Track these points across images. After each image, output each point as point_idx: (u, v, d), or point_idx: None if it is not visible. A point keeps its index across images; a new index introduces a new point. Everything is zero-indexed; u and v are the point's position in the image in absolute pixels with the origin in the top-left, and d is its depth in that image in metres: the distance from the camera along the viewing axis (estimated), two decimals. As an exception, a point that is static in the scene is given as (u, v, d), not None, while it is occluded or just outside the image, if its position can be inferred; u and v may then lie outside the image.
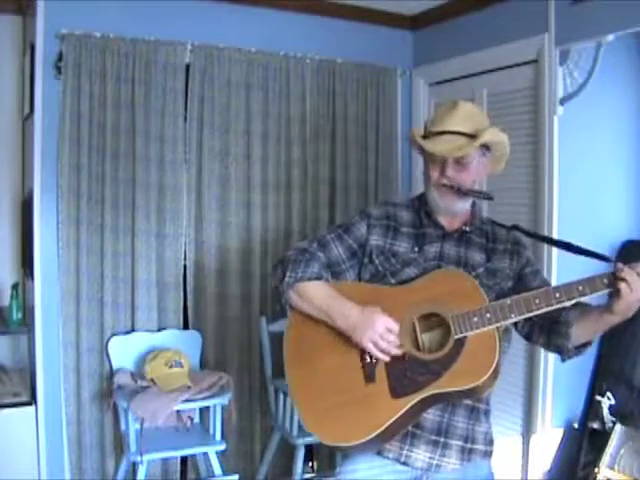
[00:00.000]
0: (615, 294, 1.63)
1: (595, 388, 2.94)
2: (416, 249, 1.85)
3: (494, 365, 1.66)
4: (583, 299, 1.67)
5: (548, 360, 2.98)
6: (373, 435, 1.70)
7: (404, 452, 1.79)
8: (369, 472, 1.83)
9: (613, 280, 1.62)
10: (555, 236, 2.99)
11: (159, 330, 3.30)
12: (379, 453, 1.81)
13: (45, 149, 3.07)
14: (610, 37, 2.75)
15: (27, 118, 3.31)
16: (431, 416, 1.78)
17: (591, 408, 2.92)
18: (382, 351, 1.71)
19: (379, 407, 1.71)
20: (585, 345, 1.80)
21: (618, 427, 2.74)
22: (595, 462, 2.75)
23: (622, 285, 1.61)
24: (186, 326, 3.41)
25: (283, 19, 3.49)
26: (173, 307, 3.34)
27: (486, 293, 1.76)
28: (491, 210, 3.36)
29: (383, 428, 1.70)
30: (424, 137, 1.85)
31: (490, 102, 3.36)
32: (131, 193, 3.22)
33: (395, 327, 1.72)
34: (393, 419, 1.70)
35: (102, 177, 3.17)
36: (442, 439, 1.79)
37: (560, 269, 2.98)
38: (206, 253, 3.39)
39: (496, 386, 1.79)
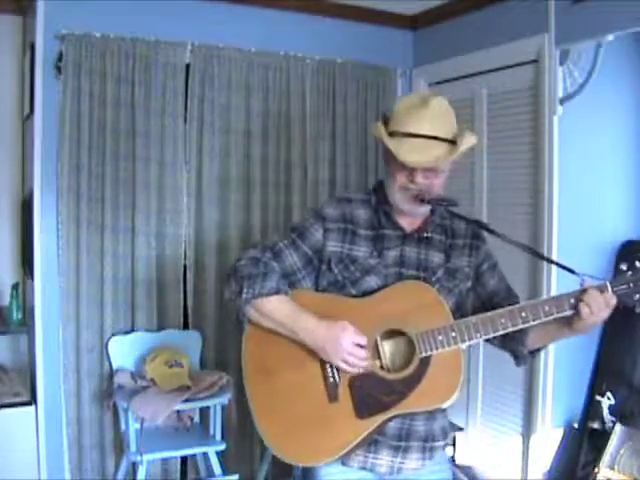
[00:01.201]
0: (576, 313, 1.62)
1: (595, 388, 2.94)
2: (375, 254, 1.75)
3: (459, 385, 1.66)
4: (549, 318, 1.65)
5: (548, 360, 2.98)
6: (338, 456, 1.69)
7: (369, 460, 1.77)
8: (330, 478, 1.78)
9: (578, 301, 1.62)
10: (555, 236, 3.00)
11: (159, 330, 3.30)
12: (344, 463, 1.77)
13: (45, 149, 3.07)
14: (610, 37, 2.75)
15: (27, 118, 3.31)
16: (392, 423, 1.74)
17: (591, 408, 2.92)
18: (352, 367, 1.67)
19: (343, 428, 1.68)
20: (539, 350, 1.81)
21: (618, 427, 2.74)
22: (595, 462, 2.75)
23: (585, 308, 1.61)
24: (186, 326, 3.41)
25: (283, 19, 3.49)
26: (173, 307, 3.35)
27: (446, 297, 1.75)
28: (491, 210, 3.37)
29: (348, 449, 1.69)
30: (390, 134, 1.71)
31: (490, 102, 3.36)
32: (131, 193, 3.22)
33: (363, 341, 1.67)
34: (359, 439, 1.68)
35: (102, 177, 3.17)
36: (403, 443, 1.77)
37: (560, 270, 2.98)
38: (206, 253, 3.39)
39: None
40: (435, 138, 1.67)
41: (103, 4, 3.10)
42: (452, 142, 1.69)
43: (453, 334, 1.66)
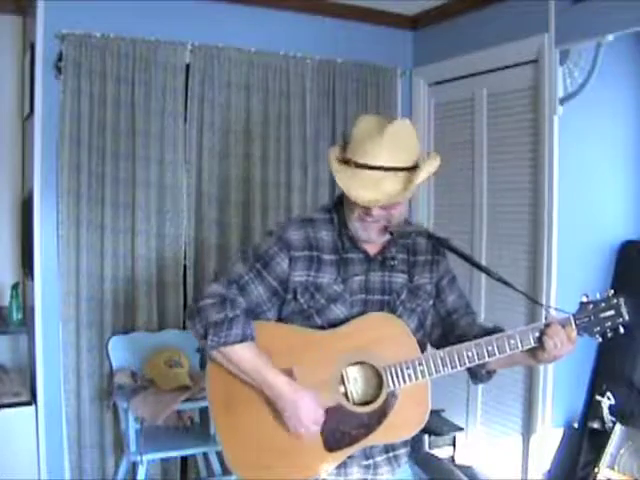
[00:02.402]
0: (541, 346, 1.64)
1: (595, 388, 2.94)
2: (340, 280, 1.71)
3: (426, 417, 1.68)
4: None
5: (548, 360, 2.98)
6: None
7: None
8: None
9: (542, 335, 1.64)
10: (555, 236, 3.00)
11: (159, 330, 3.30)
12: None
13: (45, 149, 3.07)
14: (610, 37, 2.75)
15: (27, 118, 3.31)
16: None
17: (591, 408, 2.92)
18: (299, 433, 1.66)
19: (313, 460, 1.68)
20: (495, 371, 1.81)
21: (618, 427, 2.74)
22: (595, 462, 2.75)
23: (549, 342, 1.62)
24: (186, 326, 3.40)
25: (283, 19, 3.49)
26: (173, 307, 3.35)
27: (409, 317, 1.75)
28: (491, 210, 3.37)
29: None
30: (344, 162, 1.68)
31: (490, 102, 3.36)
32: (131, 193, 3.22)
33: (320, 420, 1.65)
34: (327, 472, 1.69)
35: (102, 177, 3.17)
36: (371, 461, 1.76)
37: (560, 273, 2.99)
38: (206, 253, 3.39)
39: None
40: (392, 169, 1.61)
41: (103, 4, 3.10)
42: (412, 168, 1.63)
43: (421, 367, 1.66)
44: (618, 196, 3.15)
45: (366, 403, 1.69)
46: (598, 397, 2.87)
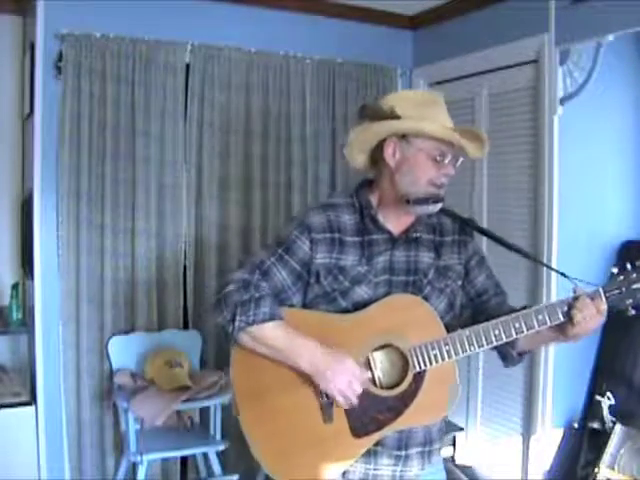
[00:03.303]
0: (570, 321, 1.60)
1: (595, 388, 2.94)
2: (364, 261, 1.70)
3: (455, 398, 1.65)
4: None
5: (548, 360, 2.98)
6: (335, 476, 1.68)
7: (370, 472, 1.74)
8: None
9: (570, 308, 1.60)
10: (555, 236, 3.00)
11: (159, 330, 3.30)
12: (344, 476, 1.73)
13: (45, 149, 3.07)
14: (610, 37, 2.75)
15: (27, 118, 3.31)
16: (391, 433, 1.71)
17: (591, 408, 2.92)
18: (345, 398, 1.64)
19: (340, 447, 1.66)
20: (527, 352, 1.79)
21: (618, 427, 2.74)
22: (595, 462, 2.75)
23: (577, 315, 1.59)
24: (186, 326, 3.41)
25: (283, 19, 3.49)
26: (173, 307, 3.35)
27: (438, 297, 1.73)
28: (491, 210, 3.37)
29: (345, 469, 1.68)
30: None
31: (490, 102, 3.36)
32: (131, 193, 3.22)
33: (361, 376, 1.63)
34: (355, 459, 1.67)
35: (102, 177, 3.17)
36: (403, 452, 1.74)
37: (560, 265, 2.98)
38: (206, 253, 3.39)
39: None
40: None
41: (103, 4, 3.10)
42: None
43: (447, 348, 1.63)
44: (618, 196, 3.15)
45: (393, 387, 1.67)
46: (598, 397, 2.87)
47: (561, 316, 1.61)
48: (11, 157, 3.49)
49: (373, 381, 1.67)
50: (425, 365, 1.64)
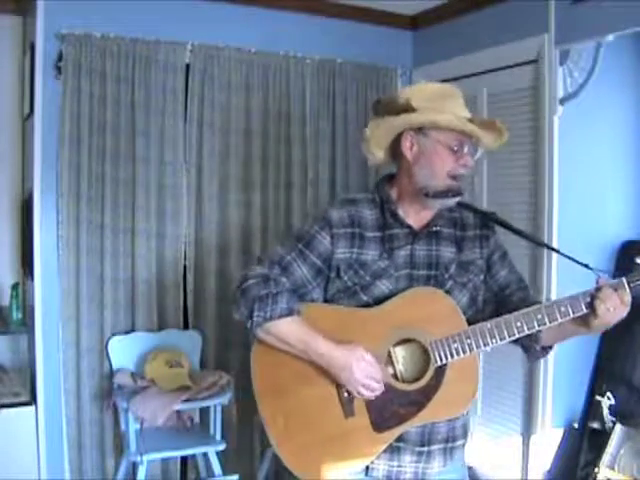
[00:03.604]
0: (593, 312, 1.58)
1: (595, 388, 2.94)
2: (385, 255, 1.70)
3: (476, 394, 1.64)
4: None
5: (548, 360, 2.97)
6: (356, 471, 1.68)
7: (394, 469, 1.73)
8: None
9: (593, 299, 1.58)
10: (555, 236, 3.00)
11: (159, 330, 3.30)
12: (368, 474, 1.73)
13: (45, 149, 3.07)
14: (610, 37, 2.75)
15: (27, 118, 3.31)
16: (414, 429, 1.71)
17: (591, 408, 2.91)
18: (365, 393, 1.64)
19: (361, 442, 1.66)
20: (551, 347, 1.77)
21: (618, 427, 2.73)
22: (595, 462, 2.75)
23: (600, 306, 1.57)
24: (186, 326, 3.41)
25: (283, 19, 3.49)
26: (173, 307, 3.35)
27: (460, 292, 1.72)
28: (491, 210, 3.36)
29: (366, 464, 1.67)
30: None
31: (490, 102, 3.36)
32: (131, 193, 3.22)
33: (378, 374, 1.63)
34: (377, 454, 1.67)
35: (102, 177, 3.17)
36: (425, 448, 1.73)
37: (560, 265, 2.98)
38: (206, 253, 3.39)
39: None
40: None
41: (103, 4, 3.10)
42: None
43: (468, 341, 1.62)
44: (618, 196, 3.15)
45: (414, 381, 1.66)
46: (598, 397, 2.87)
47: (584, 307, 1.59)
48: (11, 157, 3.49)
49: (395, 375, 1.67)
50: (446, 358, 1.63)
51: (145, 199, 3.24)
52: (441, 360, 1.63)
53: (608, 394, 2.84)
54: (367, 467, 1.72)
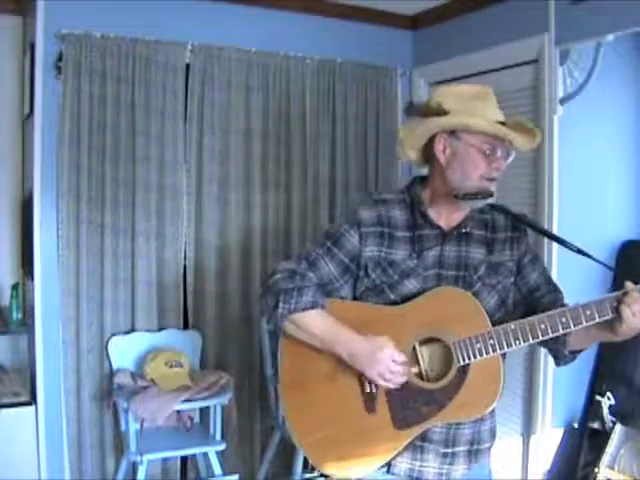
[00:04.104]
0: (619, 316, 1.56)
1: (595, 388, 2.94)
2: (414, 255, 1.71)
3: (498, 396, 1.62)
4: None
5: (548, 360, 2.97)
6: (376, 468, 1.68)
7: (416, 468, 1.73)
8: None
9: (619, 303, 1.56)
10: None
11: (159, 330, 3.30)
12: (389, 470, 1.74)
13: (45, 149, 3.07)
14: (610, 37, 2.75)
15: (27, 118, 3.31)
16: (438, 429, 1.72)
17: (591, 408, 2.91)
18: (388, 382, 1.64)
19: (381, 439, 1.66)
20: (580, 351, 1.77)
21: (618, 427, 2.73)
22: (595, 462, 2.75)
23: (626, 310, 1.54)
24: (186, 326, 3.41)
25: (283, 19, 3.49)
26: (173, 307, 3.35)
27: (489, 293, 1.72)
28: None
29: (387, 461, 1.67)
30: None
31: (490, 102, 3.36)
32: (131, 193, 3.22)
33: (401, 358, 1.64)
34: (396, 451, 1.67)
35: (102, 177, 3.17)
36: (450, 450, 1.74)
37: (560, 265, 2.98)
38: (206, 253, 3.39)
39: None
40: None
41: (103, 4, 3.10)
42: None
43: (491, 341, 1.62)
44: (619, 196, 3.15)
45: (437, 380, 1.66)
46: (598, 397, 2.87)
47: (610, 312, 1.57)
48: (11, 157, 3.49)
49: (420, 374, 1.67)
50: (469, 358, 1.63)
51: (145, 199, 3.24)
52: (464, 360, 1.63)
53: (608, 394, 2.83)
54: (389, 465, 1.72)
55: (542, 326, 1.60)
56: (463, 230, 1.75)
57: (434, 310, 1.67)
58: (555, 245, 2.99)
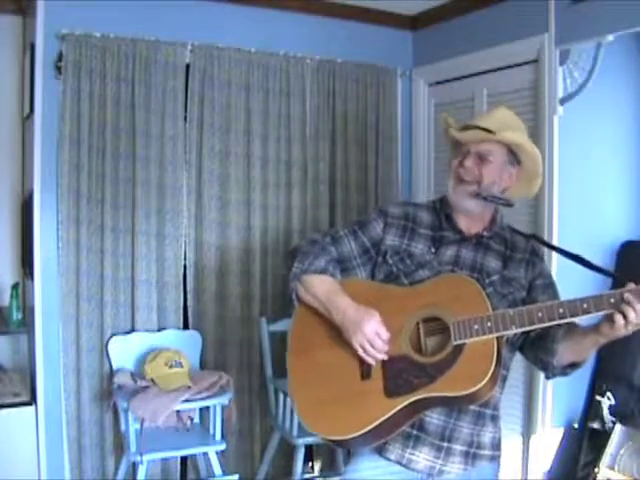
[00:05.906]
0: (616, 313, 1.57)
1: (595, 388, 2.94)
2: (433, 250, 1.84)
3: (489, 374, 1.64)
4: (587, 317, 1.61)
5: (548, 360, 2.98)
6: (363, 432, 1.71)
7: (406, 455, 1.78)
8: (372, 472, 1.83)
9: (620, 300, 1.57)
10: (555, 235, 3.00)
11: (159, 330, 3.30)
12: (380, 454, 1.80)
13: (45, 149, 3.06)
14: (610, 37, 2.75)
15: (27, 118, 3.31)
16: (435, 420, 1.77)
17: (591, 408, 2.92)
18: (367, 354, 1.72)
19: (372, 404, 1.72)
20: (572, 366, 1.78)
21: (618, 427, 2.74)
22: (595, 462, 2.75)
23: (626, 307, 1.55)
24: (186, 326, 3.41)
25: (283, 19, 3.49)
26: (173, 307, 3.34)
27: (499, 301, 1.77)
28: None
29: (373, 426, 1.70)
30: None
31: (490, 102, 3.36)
32: (131, 193, 3.22)
33: (384, 334, 1.72)
34: (384, 418, 1.70)
35: (102, 177, 3.16)
36: (445, 444, 1.77)
37: (560, 265, 2.98)
38: (206, 253, 3.39)
39: (501, 394, 1.81)
40: (486, 129, 1.81)
41: (103, 4, 3.10)
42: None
43: (489, 324, 1.67)
44: (618, 196, 3.15)
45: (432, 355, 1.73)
46: (598, 397, 2.87)
47: (607, 307, 1.59)
48: (11, 157, 3.49)
49: (419, 348, 1.74)
50: (465, 337, 1.68)
51: (145, 199, 3.24)
52: (460, 338, 1.69)
53: (608, 394, 2.84)
54: (380, 448, 1.79)
55: (539, 314, 1.65)
56: (483, 239, 1.87)
57: (439, 292, 1.76)
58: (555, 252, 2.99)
